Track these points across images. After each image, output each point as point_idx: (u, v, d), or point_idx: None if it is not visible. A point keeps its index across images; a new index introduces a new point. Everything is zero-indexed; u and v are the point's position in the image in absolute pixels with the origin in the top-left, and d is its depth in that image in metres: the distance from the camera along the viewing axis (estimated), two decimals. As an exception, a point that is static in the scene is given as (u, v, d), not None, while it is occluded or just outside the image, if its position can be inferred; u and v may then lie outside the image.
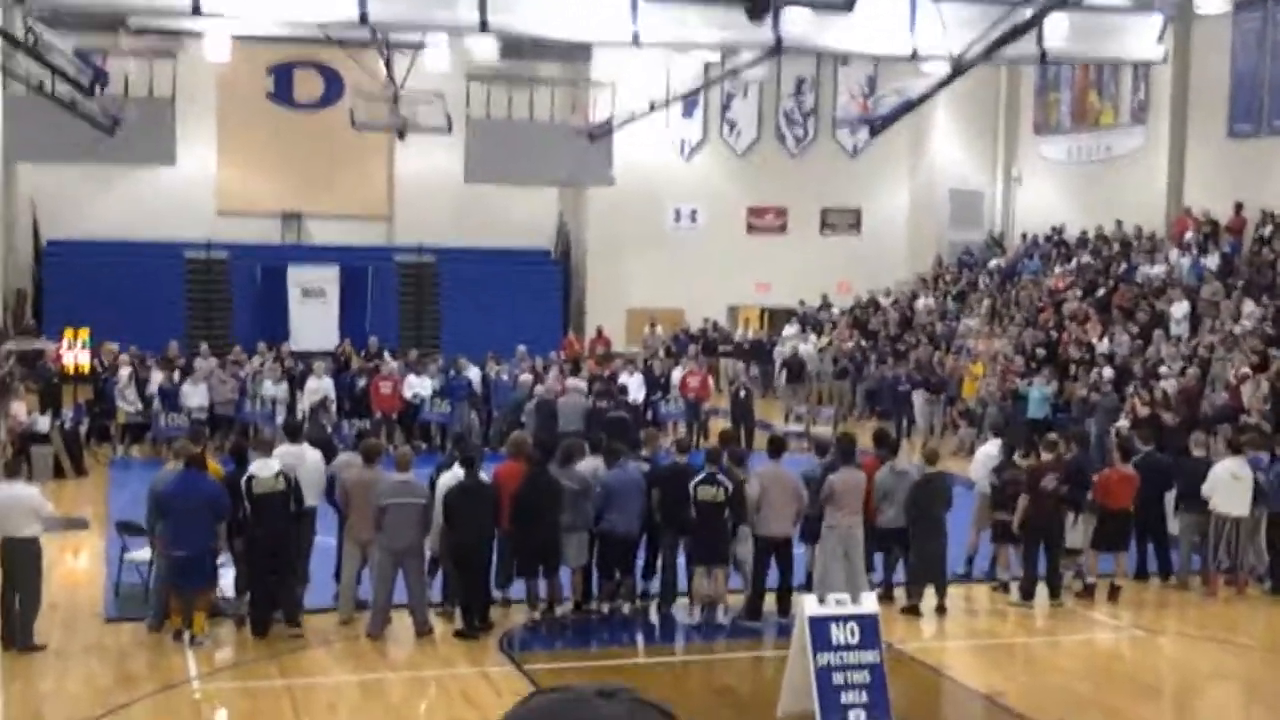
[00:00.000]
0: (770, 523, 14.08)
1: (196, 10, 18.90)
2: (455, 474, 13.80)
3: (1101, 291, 29.93)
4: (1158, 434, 18.28)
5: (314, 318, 34.43)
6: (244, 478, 13.28)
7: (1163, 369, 23.71)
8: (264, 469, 13.40)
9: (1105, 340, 26.49)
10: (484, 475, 13.83)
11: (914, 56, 21.84)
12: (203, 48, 30.11)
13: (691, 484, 13.94)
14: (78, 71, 21.55)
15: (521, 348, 27.29)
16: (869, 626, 11.21)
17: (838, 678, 10.88)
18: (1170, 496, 16.26)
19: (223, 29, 27.40)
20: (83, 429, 23.60)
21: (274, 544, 13.32)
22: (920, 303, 34.81)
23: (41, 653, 12.81)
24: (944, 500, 14.78)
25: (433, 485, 13.93)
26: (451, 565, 13.80)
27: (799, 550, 14.72)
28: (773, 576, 14.28)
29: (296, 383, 24.88)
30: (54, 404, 23.98)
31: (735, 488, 14.01)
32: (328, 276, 35.17)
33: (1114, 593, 15.40)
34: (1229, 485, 15.63)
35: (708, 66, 28.46)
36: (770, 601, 14.32)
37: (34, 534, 12.87)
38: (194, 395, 23.96)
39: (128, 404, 24.09)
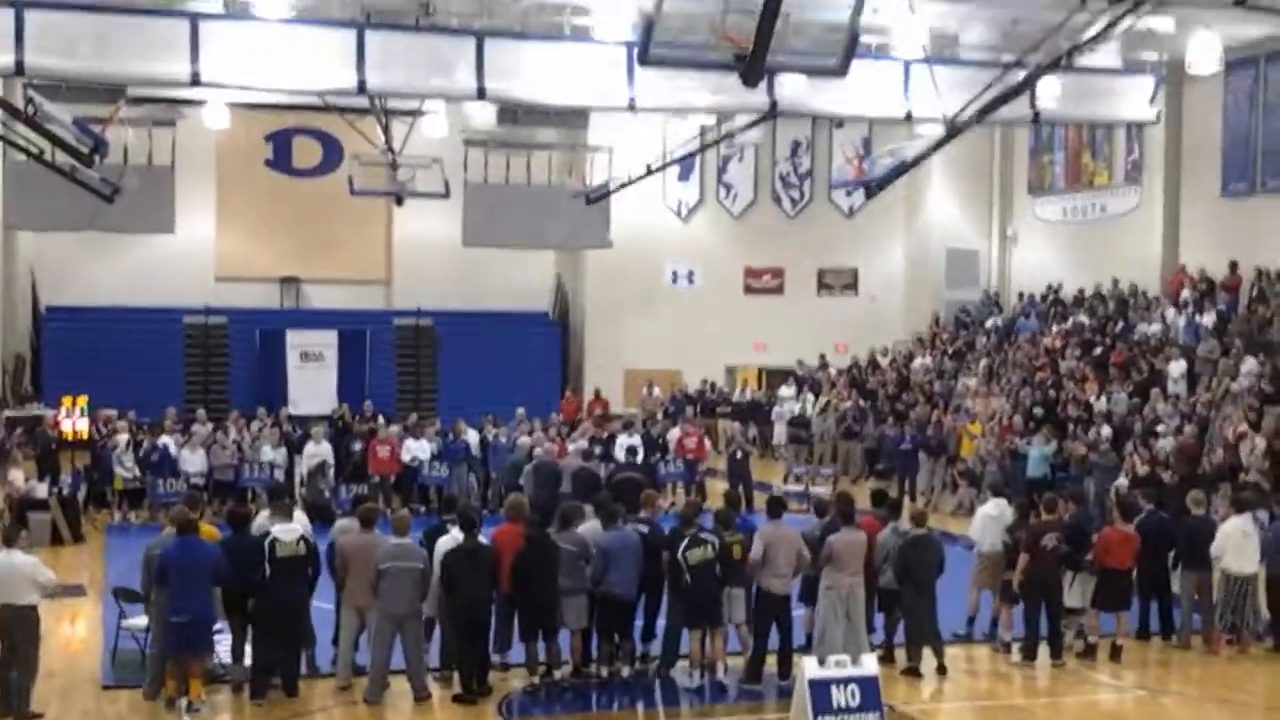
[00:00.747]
0: (772, 581, 14.03)
1: (196, 81, 19.05)
2: (454, 536, 13.76)
3: (1098, 350, 29.99)
4: (1157, 493, 18.26)
5: (312, 381, 34.45)
6: (267, 540, 13.26)
7: (1160, 427, 23.72)
8: (287, 533, 13.39)
9: (1103, 399, 26.51)
10: (483, 538, 13.79)
11: (908, 119, 22.04)
12: (202, 116, 30.35)
13: (679, 551, 13.87)
14: (77, 140, 21.64)
15: (520, 410, 27.33)
16: (870, 688, 11.17)
17: (839, 740, 10.81)
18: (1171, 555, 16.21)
19: (222, 98, 27.61)
20: (80, 495, 23.57)
21: (291, 608, 13.31)
22: (917, 362, 34.86)
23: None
24: (933, 562, 14.70)
25: (424, 547, 13.86)
26: (451, 628, 13.73)
27: (798, 611, 14.67)
28: (772, 639, 14.23)
29: (295, 447, 24.88)
30: (52, 470, 23.97)
31: (723, 544, 13.99)
32: (326, 340, 35.22)
33: (1116, 652, 15.34)
34: (1240, 544, 15.55)
35: (704, 129, 28.63)
36: (770, 663, 14.24)
37: (33, 602, 12.77)
38: (192, 461, 23.99)
39: (125, 470, 24.10)
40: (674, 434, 26.74)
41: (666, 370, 36.89)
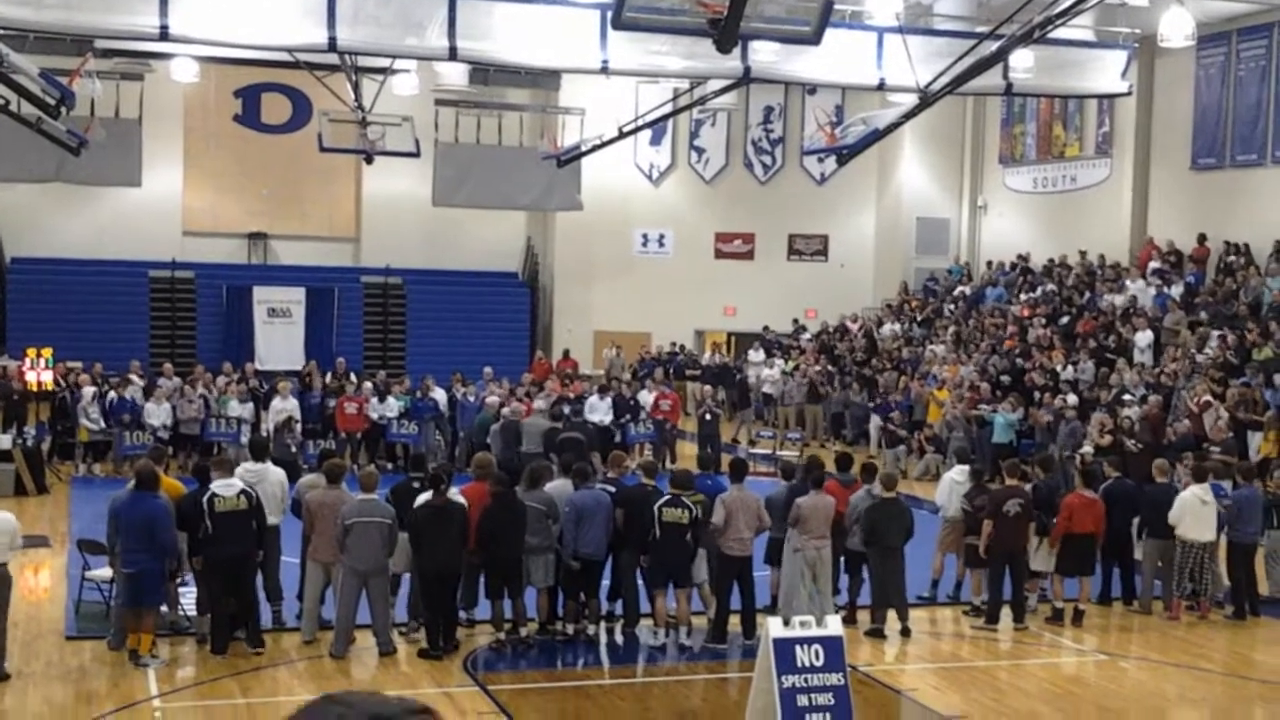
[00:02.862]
0: (733, 544, 14.11)
1: (165, 35, 18.83)
2: (426, 494, 13.77)
3: (1065, 320, 30.16)
4: (1123, 460, 18.43)
5: (280, 338, 34.39)
6: (205, 496, 13.21)
7: (1126, 396, 23.90)
8: (226, 488, 13.32)
9: (1069, 368, 26.69)
10: (455, 495, 13.80)
11: (881, 87, 21.97)
12: (170, 70, 30.06)
13: (656, 505, 13.98)
14: (44, 92, 21.38)
15: (488, 369, 27.32)
16: (834, 649, 11.21)
17: (802, 700, 10.87)
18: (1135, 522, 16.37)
19: (190, 53, 27.35)
20: (45, 447, 23.45)
21: (235, 563, 13.24)
22: (886, 329, 34.98)
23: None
24: (902, 526, 14.80)
25: (391, 504, 13.85)
26: (419, 584, 13.75)
27: (762, 573, 14.76)
28: (735, 600, 14.31)
29: (261, 402, 24.83)
30: (17, 421, 23.82)
31: (700, 510, 14.08)
32: (293, 297, 35.10)
33: (1078, 617, 15.51)
34: (1197, 511, 15.73)
35: (676, 93, 28.54)
36: (734, 623, 14.34)
37: (5, 560, 12.55)
38: (157, 414, 23.90)
39: (90, 422, 23.99)
40: (646, 395, 26.79)
41: (636, 333, 36.91)
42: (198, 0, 18.95)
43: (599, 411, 25.47)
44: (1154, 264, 30.69)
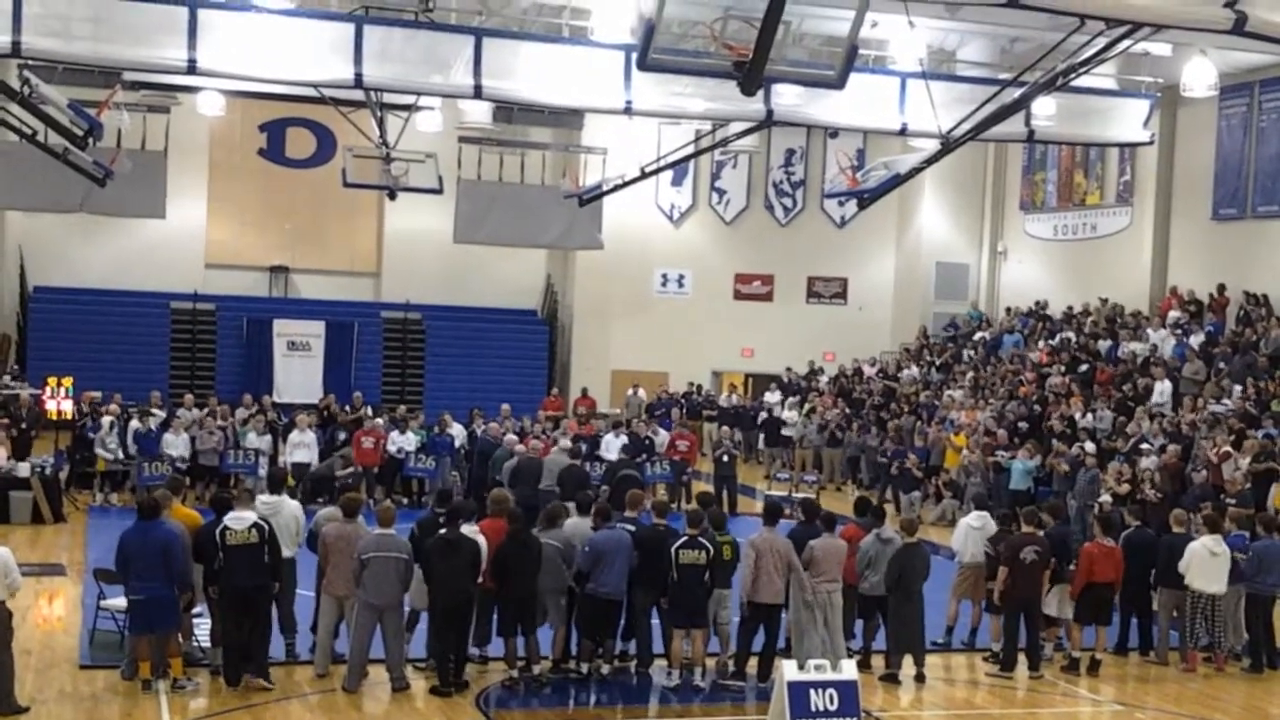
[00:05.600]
0: (763, 590, 14.04)
1: (192, 69, 18.99)
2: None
3: (1084, 367, 30.09)
4: (1141, 509, 18.36)
5: (298, 371, 34.53)
6: (218, 529, 13.23)
7: (1144, 445, 23.81)
8: (238, 520, 13.33)
9: (1088, 415, 26.60)
10: (469, 530, 13.79)
11: (903, 132, 22.03)
12: (196, 103, 30.29)
13: (674, 547, 13.96)
14: (72, 123, 21.56)
15: (505, 406, 27.36)
16: (848, 693, 11.18)
17: (816, 744, 10.83)
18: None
19: (217, 86, 27.56)
20: (63, 475, 23.53)
21: (247, 595, 13.23)
22: (904, 373, 34.94)
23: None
24: (923, 571, 14.81)
25: (413, 540, 13.87)
26: (430, 619, 13.73)
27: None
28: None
29: (279, 435, 24.90)
30: (25, 449, 23.88)
31: (716, 551, 14.04)
32: (313, 330, 35.23)
33: (1094, 666, 15.43)
34: (1205, 562, 15.66)
35: (698, 134, 28.64)
36: (750, 664, 14.29)
37: (2, 598, 12.35)
38: (176, 445, 23.97)
39: (107, 452, 24.09)
40: (662, 435, 26.77)
41: (653, 372, 36.91)
42: (225, 35, 19.11)
43: (614, 450, 25.47)
44: (1174, 313, 30.62)
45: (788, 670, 11.24)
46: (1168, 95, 28.96)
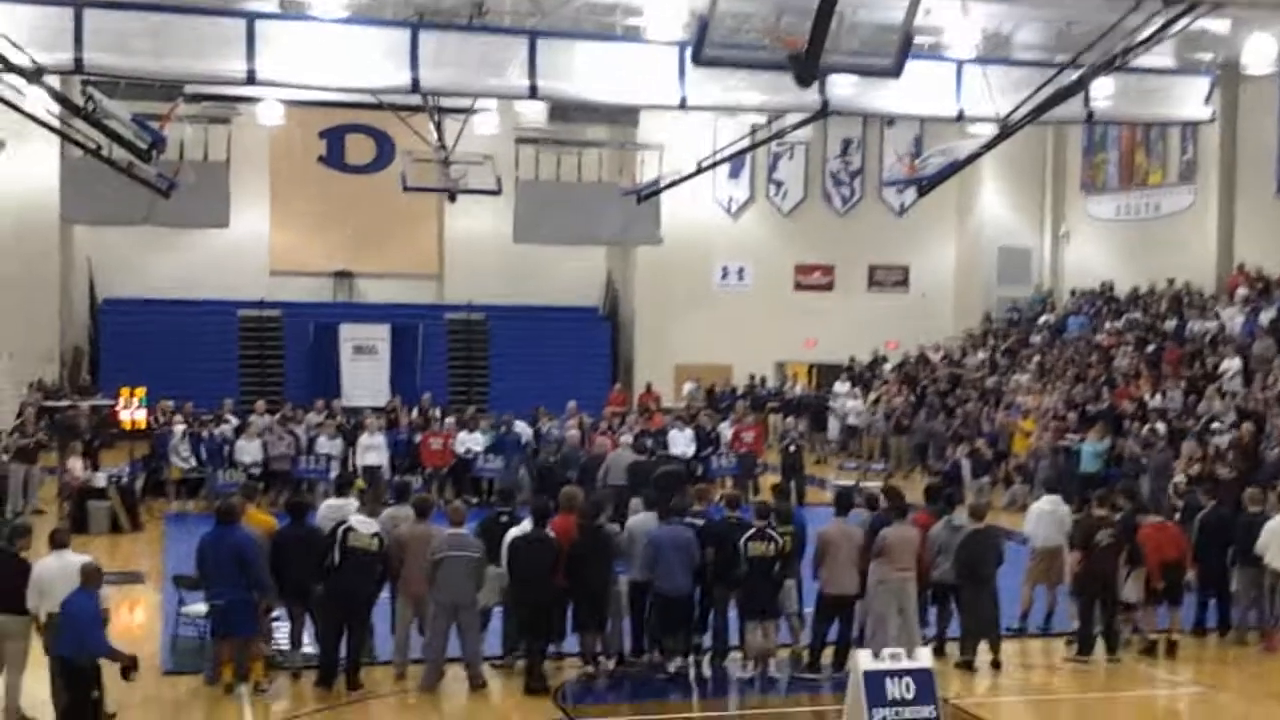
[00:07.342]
0: (837, 580, 14.06)
1: (252, 79, 19.24)
2: (524, 526, 13.90)
3: (1151, 348, 29.83)
4: (1215, 488, 18.20)
5: (365, 374, 34.80)
6: (341, 527, 13.39)
7: (1215, 424, 23.58)
8: (364, 525, 13.52)
9: (1157, 396, 26.38)
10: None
11: (960, 118, 21.93)
12: (256, 113, 30.64)
13: (743, 539, 13.99)
14: (135, 136, 21.87)
15: (572, 403, 27.50)
16: (924, 681, 11.18)
17: (893, 732, 10.85)
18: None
19: (277, 96, 27.87)
20: (138, 484, 23.91)
21: (355, 600, 13.41)
22: (969, 359, 34.77)
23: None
24: (993, 556, 14.74)
25: (482, 538, 13.97)
26: (518, 617, 13.85)
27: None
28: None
29: (349, 438, 25.16)
30: (91, 459, 24.26)
31: (784, 542, 14.06)
32: (379, 334, 35.54)
33: (1171, 648, 15.27)
34: (1284, 539, 15.51)
35: (754, 127, 28.62)
36: (826, 654, 14.30)
37: (36, 611, 12.28)
38: (249, 451, 24.25)
39: (181, 460, 24.43)
40: (726, 428, 26.79)
41: (716, 365, 36.97)
42: (283, 44, 19.36)
43: (680, 444, 25.52)
44: (1242, 290, 30.30)
45: (863, 660, 11.26)
46: (1227, 72, 28.63)
